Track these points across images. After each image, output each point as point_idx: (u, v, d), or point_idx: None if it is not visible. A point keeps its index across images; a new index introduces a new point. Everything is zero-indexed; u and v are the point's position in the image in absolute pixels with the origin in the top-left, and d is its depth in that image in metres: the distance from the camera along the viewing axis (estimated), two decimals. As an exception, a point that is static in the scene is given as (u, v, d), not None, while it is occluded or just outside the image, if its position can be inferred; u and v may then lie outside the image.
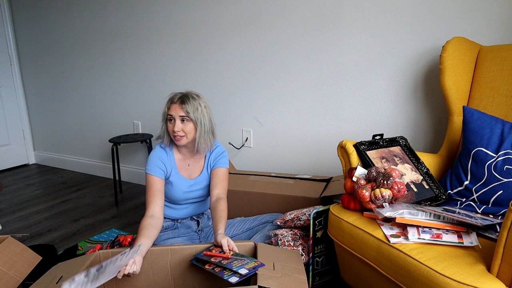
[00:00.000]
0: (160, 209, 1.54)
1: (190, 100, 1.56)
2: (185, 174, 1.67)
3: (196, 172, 1.69)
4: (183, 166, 1.67)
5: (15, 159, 3.78)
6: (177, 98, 1.57)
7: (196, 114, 1.56)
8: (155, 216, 1.51)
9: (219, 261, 1.23)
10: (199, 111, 1.57)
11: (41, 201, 2.84)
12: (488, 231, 1.23)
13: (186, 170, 1.68)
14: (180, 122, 1.56)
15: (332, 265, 1.67)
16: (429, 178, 1.51)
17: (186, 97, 1.56)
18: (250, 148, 2.61)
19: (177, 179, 1.64)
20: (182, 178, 1.65)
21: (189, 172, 1.68)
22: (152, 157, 1.62)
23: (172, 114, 1.56)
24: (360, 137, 2.20)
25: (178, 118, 1.55)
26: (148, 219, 1.48)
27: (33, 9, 3.43)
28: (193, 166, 1.69)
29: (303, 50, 2.26)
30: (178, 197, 1.66)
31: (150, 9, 2.77)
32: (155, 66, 2.87)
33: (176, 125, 1.55)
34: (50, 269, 1.30)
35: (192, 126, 1.57)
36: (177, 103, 1.56)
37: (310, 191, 2.04)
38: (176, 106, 1.56)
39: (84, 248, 2.06)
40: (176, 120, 1.55)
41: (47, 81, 3.57)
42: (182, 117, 1.55)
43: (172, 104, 1.57)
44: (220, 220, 1.45)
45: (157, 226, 1.48)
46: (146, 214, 1.52)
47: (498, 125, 1.39)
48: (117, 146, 2.73)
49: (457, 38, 1.64)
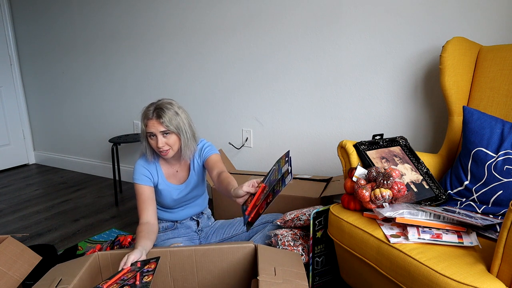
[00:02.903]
0: (153, 216, 1.53)
1: (165, 111, 1.49)
2: (173, 180, 1.66)
3: (183, 176, 1.68)
4: (171, 174, 1.66)
5: (15, 159, 3.78)
6: (152, 113, 1.50)
7: (175, 123, 1.51)
8: (150, 222, 1.50)
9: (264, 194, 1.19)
10: (178, 120, 1.51)
11: (41, 201, 2.84)
12: (488, 231, 1.23)
13: (175, 176, 1.67)
14: (162, 136, 1.51)
15: (332, 265, 1.67)
16: (429, 178, 1.51)
17: (160, 110, 1.49)
18: (250, 148, 2.61)
19: (165, 187, 1.63)
20: (170, 185, 1.64)
21: (178, 178, 1.67)
22: (137, 166, 1.60)
23: (152, 131, 1.50)
24: (360, 137, 2.20)
25: (159, 133, 1.50)
26: (144, 226, 1.47)
27: (33, 8, 3.43)
28: (181, 171, 1.68)
29: (303, 50, 2.26)
30: (171, 204, 1.67)
31: (150, 8, 2.77)
32: (155, 65, 2.87)
33: (159, 141, 1.50)
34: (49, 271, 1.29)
35: (175, 137, 1.53)
36: (154, 119, 1.49)
37: (310, 191, 2.04)
38: (154, 122, 1.49)
39: (84, 248, 2.06)
40: (157, 136, 1.50)
41: (47, 81, 3.57)
42: (163, 132, 1.50)
43: (148, 120, 1.50)
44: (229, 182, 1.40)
45: (154, 230, 1.48)
46: (140, 222, 1.50)
47: (498, 125, 1.39)
48: (117, 146, 2.73)
49: (457, 38, 1.64)
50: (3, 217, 2.56)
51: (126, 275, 1.20)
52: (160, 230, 1.71)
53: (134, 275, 1.18)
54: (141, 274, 1.18)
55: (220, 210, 2.15)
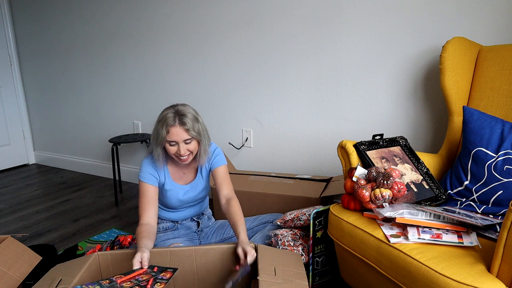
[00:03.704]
0: (154, 218, 1.52)
1: (187, 116, 1.45)
2: (179, 181, 1.65)
3: (190, 177, 1.67)
4: (178, 175, 1.65)
5: (15, 159, 3.78)
6: (173, 119, 1.44)
7: (197, 129, 1.47)
8: (150, 224, 1.49)
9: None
10: (198, 126, 1.48)
11: (41, 201, 2.84)
12: (488, 231, 1.23)
13: (181, 177, 1.66)
14: (184, 144, 1.47)
15: (332, 265, 1.67)
16: (429, 178, 1.51)
17: (183, 116, 1.45)
18: (250, 148, 2.61)
19: (171, 187, 1.62)
20: (176, 185, 1.64)
21: (184, 179, 1.66)
22: (145, 164, 1.57)
23: (175, 139, 1.45)
24: (360, 137, 2.20)
25: (182, 141, 1.46)
26: (145, 226, 1.46)
27: (33, 9, 3.43)
28: (188, 173, 1.67)
29: (303, 50, 2.26)
30: (175, 204, 1.66)
31: (150, 8, 2.77)
32: (155, 65, 2.87)
33: (181, 149, 1.46)
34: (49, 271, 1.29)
35: (195, 143, 1.51)
36: (177, 126, 1.44)
37: (310, 191, 2.04)
38: (178, 130, 1.44)
39: (84, 248, 2.06)
40: (180, 144, 1.46)
41: (47, 81, 3.57)
42: (187, 140, 1.47)
43: (171, 127, 1.44)
44: (238, 224, 1.43)
45: (154, 232, 1.47)
46: (140, 222, 1.48)
47: (498, 125, 1.39)
48: (117, 146, 2.73)
49: (457, 38, 1.64)
50: (3, 217, 2.56)
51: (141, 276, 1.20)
52: (160, 230, 1.71)
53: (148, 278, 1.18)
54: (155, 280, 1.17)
55: (220, 210, 2.15)
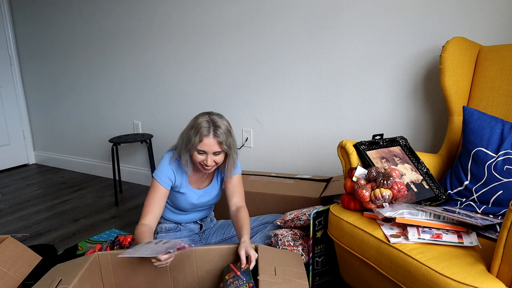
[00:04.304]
0: (155, 220, 1.51)
1: (221, 127, 1.43)
2: (194, 185, 1.64)
3: (205, 183, 1.67)
4: (195, 180, 1.63)
5: (15, 159, 3.78)
6: (207, 129, 1.42)
7: (228, 143, 1.46)
8: (151, 225, 1.48)
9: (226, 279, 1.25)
10: (230, 140, 1.47)
11: (41, 201, 2.84)
12: (488, 231, 1.23)
13: (196, 182, 1.65)
14: (213, 155, 1.46)
15: (332, 265, 1.67)
16: (429, 178, 1.51)
17: (218, 127, 1.43)
18: (250, 148, 2.61)
19: (188, 191, 1.61)
20: (192, 190, 1.63)
21: (198, 184, 1.65)
22: (165, 164, 1.54)
23: (205, 150, 1.44)
24: (360, 137, 2.20)
25: (211, 153, 1.45)
26: (146, 227, 1.45)
27: (33, 9, 3.43)
28: (205, 179, 1.66)
29: (303, 50, 2.26)
30: (186, 207, 1.65)
31: (150, 8, 2.77)
32: (155, 65, 2.87)
33: (209, 160, 1.45)
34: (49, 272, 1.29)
35: (223, 155, 1.49)
36: (211, 137, 1.42)
37: (310, 191, 2.04)
38: (211, 141, 1.42)
39: (84, 248, 2.06)
40: (208, 155, 1.45)
41: (47, 81, 3.57)
42: (216, 152, 1.45)
43: (205, 137, 1.42)
44: (243, 228, 1.43)
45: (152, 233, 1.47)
46: (142, 222, 1.47)
47: (498, 125, 1.39)
48: (117, 146, 2.73)
49: (457, 38, 1.64)
50: (3, 217, 2.56)
51: None
52: (162, 230, 1.71)
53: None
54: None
55: (221, 210, 2.15)
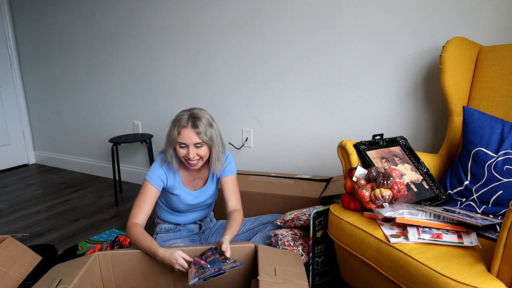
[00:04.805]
0: (145, 220, 1.51)
1: (202, 119, 1.45)
2: (189, 186, 1.65)
3: (200, 183, 1.67)
4: (189, 181, 1.64)
5: (15, 159, 3.78)
6: (186, 120, 1.45)
7: (209, 134, 1.47)
8: (141, 224, 1.48)
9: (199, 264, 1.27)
10: (212, 131, 1.48)
11: (41, 201, 2.84)
12: (488, 231, 1.23)
13: (192, 183, 1.65)
14: (194, 148, 1.47)
15: (332, 265, 1.67)
16: (429, 178, 1.51)
17: (197, 118, 1.45)
18: (250, 148, 2.61)
19: (182, 192, 1.61)
20: (187, 191, 1.63)
21: (193, 184, 1.66)
22: (156, 166, 1.55)
23: (185, 142, 1.45)
24: (360, 137, 2.20)
25: (192, 145, 1.46)
26: (139, 226, 1.45)
27: (33, 8, 3.43)
28: (198, 179, 1.66)
29: (303, 50, 2.26)
30: (182, 208, 1.66)
31: (150, 8, 2.77)
32: (155, 65, 2.87)
33: (190, 152, 1.46)
34: (49, 271, 1.29)
35: (206, 148, 1.49)
36: (189, 128, 1.44)
37: (310, 191, 2.04)
38: (189, 132, 1.44)
39: (84, 248, 2.06)
40: (189, 147, 1.46)
41: (47, 81, 3.57)
42: (197, 143, 1.46)
43: (183, 128, 1.45)
44: (230, 227, 1.45)
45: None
46: (134, 221, 1.46)
47: (498, 125, 1.39)
48: (117, 146, 2.73)
49: (457, 38, 1.64)
50: (3, 217, 2.56)
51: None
52: (162, 231, 1.71)
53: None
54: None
55: (220, 210, 2.15)
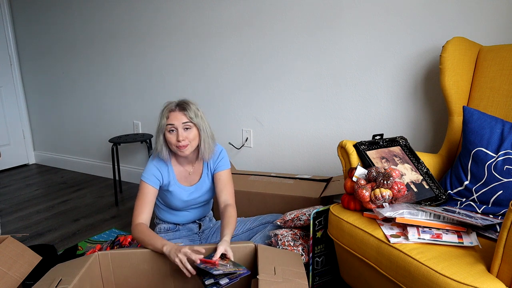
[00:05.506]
0: (148, 219, 1.52)
1: (190, 105, 1.52)
2: (184, 182, 1.65)
3: (195, 179, 1.67)
4: (183, 176, 1.65)
5: (15, 159, 3.78)
6: (175, 105, 1.53)
7: (198, 119, 1.52)
8: (146, 223, 1.50)
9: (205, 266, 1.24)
10: (199, 116, 1.54)
11: (41, 201, 2.84)
12: (488, 231, 1.23)
13: (186, 179, 1.65)
14: (183, 130, 1.50)
15: (332, 265, 1.67)
16: (429, 178, 1.51)
17: (185, 103, 1.52)
18: (250, 148, 2.61)
19: (176, 189, 1.62)
20: (182, 187, 1.63)
21: (189, 180, 1.66)
22: (150, 165, 1.58)
23: (174, 123, 1.49)
24: (360, 137, 2.20)
25: (180, 126, 1.50)
26: (144, 225, 1.47)
27: (33, 9, 3.43)
28: (193, 173, 1.67)
29: (303, 50, 2.26)
30: (179, 205, 1.66)
31: (150, 8, 2.77)
32: (155, 65, 2.87)
33: (179, 134, 1.49)
34: (49, 271, 1.29)
35: (195, 132, 1.53)
36: (177, 111, 1.51)
37: (310, 191, 2.04)
38: (177, 114, 1.50)
39: (84, 248, 2.06)
40: (179, 129, 1.49)
41: (47, 81, 3.57)
42: (185, 124, 1.50)
43: (171, 112, 1.51)
44: (227, 226, 1.45)
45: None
46: (138, 222, 1.48)
47: (498, 125, 1.39)
48: (117, 146, 2.73)
49: (457, 38, 1.64)
50: (3, 217, 2.56)
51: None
52: (161, 230, 1.71)
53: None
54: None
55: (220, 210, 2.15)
